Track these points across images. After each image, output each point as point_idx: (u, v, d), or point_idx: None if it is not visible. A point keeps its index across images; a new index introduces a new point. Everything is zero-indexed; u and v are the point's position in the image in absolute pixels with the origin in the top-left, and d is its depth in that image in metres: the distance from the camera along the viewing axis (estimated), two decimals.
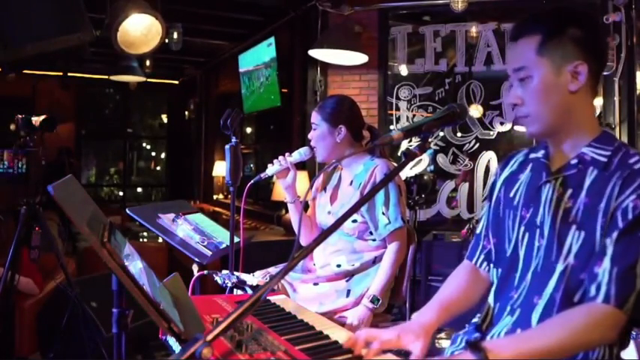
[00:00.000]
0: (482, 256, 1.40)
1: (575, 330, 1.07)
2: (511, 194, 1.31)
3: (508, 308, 1.25)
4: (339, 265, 2.17)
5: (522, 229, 1.25)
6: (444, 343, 3.31)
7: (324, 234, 1.03)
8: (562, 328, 1.07)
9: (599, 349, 1.14)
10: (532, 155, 1.33)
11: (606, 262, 1.09)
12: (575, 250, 1.15)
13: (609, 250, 1.10)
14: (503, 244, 1.30)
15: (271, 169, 2.23)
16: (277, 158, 2.23)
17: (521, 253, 1.25)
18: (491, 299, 1.32)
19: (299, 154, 2.23)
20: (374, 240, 2.17)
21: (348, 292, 2.13)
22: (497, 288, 1.30)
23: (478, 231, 1.43)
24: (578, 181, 1.18)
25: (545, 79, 1.19)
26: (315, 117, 2.24)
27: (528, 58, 1.19)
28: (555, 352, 1.07)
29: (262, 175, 2.21)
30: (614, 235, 1.10)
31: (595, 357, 1.14)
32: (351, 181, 2.22)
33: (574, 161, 1.20)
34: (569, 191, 1.19)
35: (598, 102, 4.25)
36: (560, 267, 1.17)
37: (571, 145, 1.22)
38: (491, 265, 1.35)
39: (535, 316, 1.19)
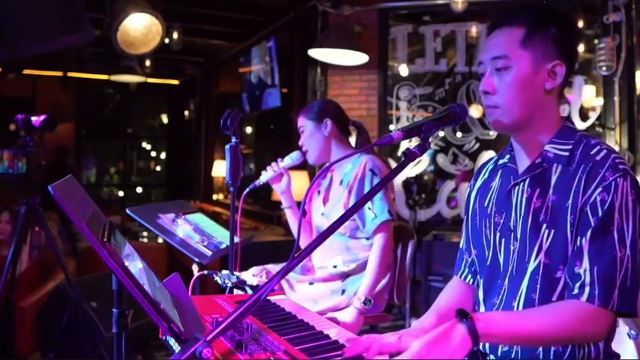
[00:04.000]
0: (466, 270, 1.41)
1: (562, 322, 1.07)
2: (485, 204, 1.32)
3: None
4: (335, 266, 2.17)
5: (498, 235, 1.26)
6: None
7: (323, 235, 1.03)
8: (550, 318, 1.07)
9: (586, 346, 1.15)
10: (500, 162, 1.34)
11: (585, 262, 1.10)
12: (546, 248, 1.16)
13: (586, 249, 1.10)
14: (483, 254, 1.31)
15: (265, 176, 2.24)
16: (270, 164, 2.24)
17: (501, 259, 1.26)
18: (477, 308, 1.34)
19: (290, 159, 2.24)
20: (367, 239, 2.17)
21: (343, 291, 2.13)
22: (484, 296, 1.31)
23: (461, 245, 1.44)
24: (545, 180, 1.19)
25: (524, 73, 1.18)
26: (301, 120, 2.27)
27: (511, 48, 1.19)
28: (539, 340, 1.09)
29: (257, 182, 2.21)
30: (589, 233, 1.10)
31: (581, 355, 1.15)
32: (341, 181, 2.22)
33: (538, 160, 1.21)
34: (537, 191, 1.19)
35: (598, 102, 4.25)
36: (531, 266, 1.18)
37: (534, 145, 1.22)
38: (477, 276, 1.36)
39: None
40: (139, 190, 10.23)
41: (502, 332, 1.04)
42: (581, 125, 4.15)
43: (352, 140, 2.35)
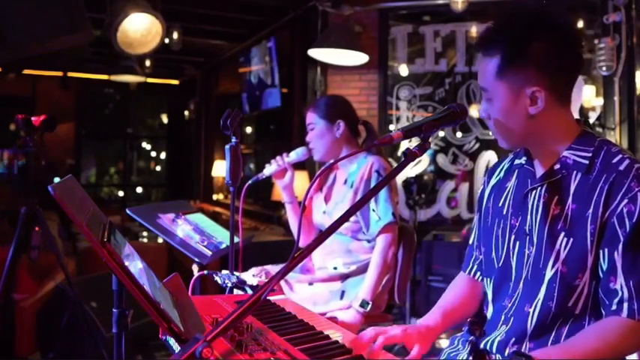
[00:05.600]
0: (475, 267, 1.40)
1: (611, 342, 1.08)
2: (500, 203, 1.31)
3: (502, 317, 1.25)
4: (335, 268, 2.17)
5: (513, 237, 1.25)
6: (444, 344, 3.30)
7: (324, 234, 1.03)
8: (599, 340, 1.09)
9: None
10: (516, 161, 1.32)
11: (620, 277, 1.09)
12: (564, 257, 1.15)
13: (619, 264, 1.09)
14: (490, 253, 1.30)
15: (269, 169, 2.23)
16: (275, 158, 2.24)
17: (513, 262, 1.24)
18: (485, 307, 1.33)
19: (296, 155, 2.23)
20: (368, 241, 2.16)
21: (342, 293, 2.12)
22: (492, 297, 1.30)
23: (470, 242, 1.44)
24: (564, 187, 1.17)
25: (504, 104, 1.18)
26: (311, 117, 2.25)
27: (488, 81, 1.18)
28: None
29: (260, 175, 2.21)
30: (620, 247, 1.09)
31: None
32: (345, 180, 2.22)
33: (557, 167, 1.19)
34: (556, 197, 1.18)
35: (598, 102, 4.25)
36: (549, 274, 1.17)
37: (551, 152, 1.21)
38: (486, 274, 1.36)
39: (530, 325, 1.19)
40: (139, 190, 10.23)
41: None
42: None
43: (360, 141, 2.34)
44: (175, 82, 9.50)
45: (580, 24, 4.33)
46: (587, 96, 4.30)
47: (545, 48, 1.14)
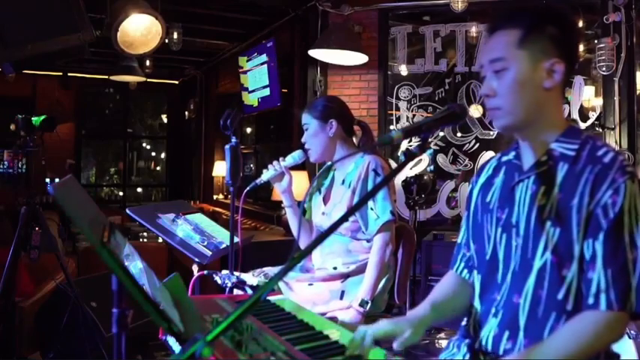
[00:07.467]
0: (462, 264, 1.41)
1: (585, 340, 1.09)
2: (487, 199, 1.33)
3: (493, 310, 1.26)
4: (335, 268, 2.16)
5: (499, 230, 1.26)
6: (444, 343, 3.30)
7: (323, 236, 1.03)
8: (572, 339, 1.09)
9: None
10: (504, 158, 1.35)
11: (599, 266, 1.10)
12: (552, 247, 1.16)
13: (599, 253, 1.10)
14: (483, 248, 1.31)
15: (266, 175, 2.22)
16: (272, 163, 2.23)
17: (501, 254, 1.26)
18: (475, 303, 1.33)
19: (292, 158, 2.23)
20: (367, 241, 2.16)
21: (342, 293, 2.11)
22: (481, 291, 1.31)
23: (459, 240, 1.45)
24: (550, 178, 1.19)
25: (522, 73, 1.19)
26: (305, 117, 2.25)
27: (508, 49, 1.20)
28: None
29: (258, 181, 2.20)
30: (601, 237, 1.11)
31: None
32: (343, 180, 2.21)
33: (544, 158, 1.21)
34: (542, 188, 1.20)
35: (598, 102, 4.25)
36: (537, 263, 1.18)
37: (540, 143, 1.23)
38: (475, 272, 1.36)
39: (522, 316, 1.19)
40: (139, 190, 10.23)
41: None
42: (581, 125, 4.15)
43: (356, 140, 2.34)
44: (175, 82, 9.49)
45: (580, 24, 4.33)
46: (587, 96, 4.30)
47: (559, 31, 1.20)
